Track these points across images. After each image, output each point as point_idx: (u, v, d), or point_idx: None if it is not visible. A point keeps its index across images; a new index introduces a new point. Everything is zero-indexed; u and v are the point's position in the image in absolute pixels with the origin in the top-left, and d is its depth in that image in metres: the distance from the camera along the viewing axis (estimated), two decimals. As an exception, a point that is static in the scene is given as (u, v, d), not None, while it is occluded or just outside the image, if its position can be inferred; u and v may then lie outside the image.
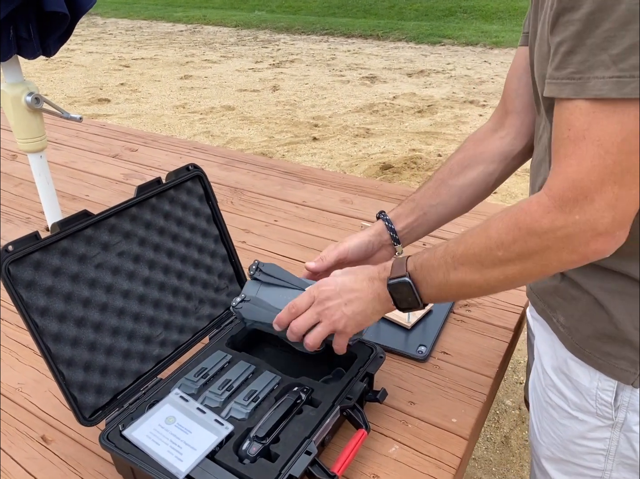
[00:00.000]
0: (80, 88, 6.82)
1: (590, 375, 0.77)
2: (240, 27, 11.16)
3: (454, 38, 9.06)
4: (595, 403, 0.78)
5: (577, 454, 0.84)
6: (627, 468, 0.80)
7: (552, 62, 0.58)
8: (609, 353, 0.74)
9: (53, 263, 0.82)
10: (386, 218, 0.95)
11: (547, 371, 0.86)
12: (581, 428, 0.81)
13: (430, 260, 0.73)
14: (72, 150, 2.20)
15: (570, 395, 0.81)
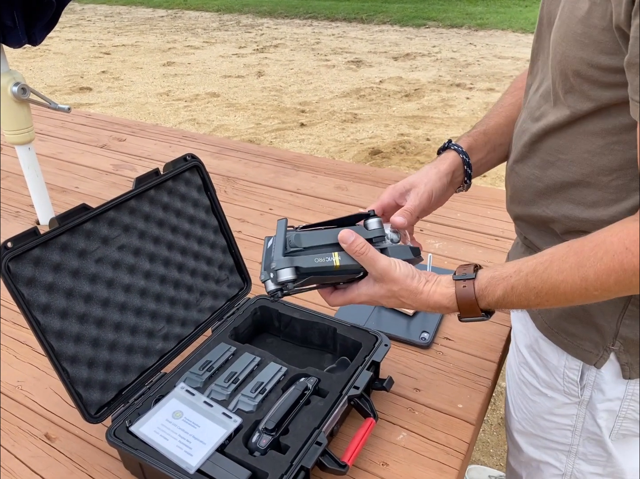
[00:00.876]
0: (60, 77, 6.68)
1: (558, 354, 0.80)
2: (222, 11, 10.99)
3: (438, 20, 9.01)
4: (563, 381, 0.81)
5: (546, 429, 0.87)
6: (592, 443, 0.83)
7: None
8: (575, 334, 0.77)
9: (53, 259, 0.80)
10: (462, 150, 0.86)
11: (521, 349, 0.89)
12: (550, 404, 0.84)
13: (507, 297, 0.67)
14: (58, 141, 2.15)
15: (540, 373, 0.84)
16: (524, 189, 0.78)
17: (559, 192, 0.73)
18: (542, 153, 0.73)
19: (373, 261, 0.72)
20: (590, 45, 0.60)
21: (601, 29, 0.58)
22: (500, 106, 0.94)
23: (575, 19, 0.61)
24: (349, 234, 0.72)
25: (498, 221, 1.49)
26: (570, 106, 0.66)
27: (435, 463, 0.85)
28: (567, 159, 0.70)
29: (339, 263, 0.72)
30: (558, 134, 0.70)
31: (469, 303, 0.70)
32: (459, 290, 0.70)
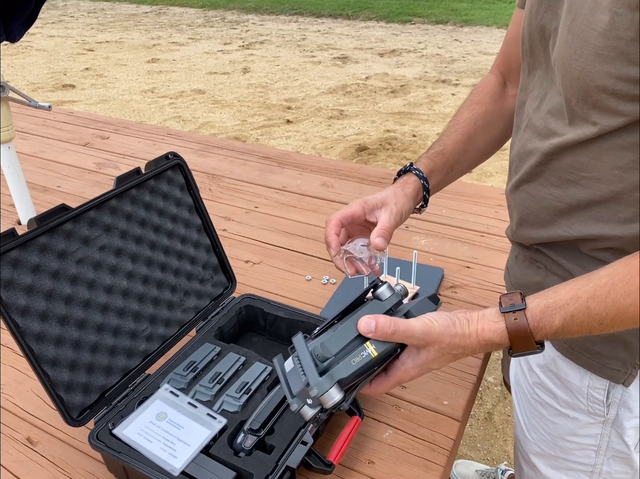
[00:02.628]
0: (42, 74, 6.59)
1: (581, 374, 0.76)
2: (207, 7, 10.92)
3: (424, 16, 9.03)
4: (587, 401, 0.77)
5: (567, 450, 0.84)
6: (617, 461, 0.81)
7: None
8: (600, 353, 0.73)
9: (32, 261, 0.79)
10: (422, 175, 0.84)
11: (534, 369, 0.85)
12: (571, 425, 0.81)
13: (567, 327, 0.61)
14: (40, 140, 2.12)
15: (560, 393, 0.81)
16: (540, 210, 0.74)
17: (584, 210, 0.69)
18: (559, 172, 0.70)
19: (408, 332, 0.63)
20: (617, 58, 0.57)
21: (629, 40, 0.55)
22: (457, 122, 0.92)
23: (595, 32, 0.58)
24: (368, 322, 0.64)
25: (483, 217, 1.50)
26: (596, 123, 0.63)
27: (421, 460, 0.85)
28: (592, 177, 0.66)
29: (376, 352, 0.64)
30: (577, 151, 0.66)
31: (523, 337, 0.62)
32: (510, 324, 0.62)
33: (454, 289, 1.23)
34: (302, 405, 0.64)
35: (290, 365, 0.67)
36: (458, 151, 0.89)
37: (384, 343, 0.64)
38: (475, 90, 0.95)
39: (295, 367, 0.65)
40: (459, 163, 0.90)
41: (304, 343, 0.66)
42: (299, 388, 0.64)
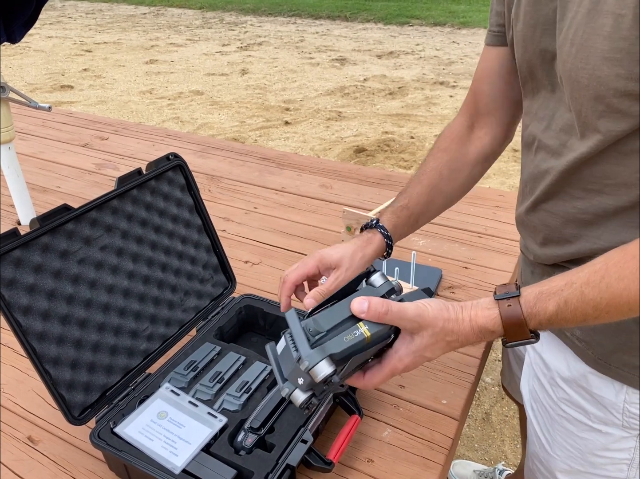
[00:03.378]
0: (41, 74, 6.59)
1: (616, 388, 0.75)
2: (205, 8, 10.92)
3: (422, 18, 9.05)
4: (622, 416, 0.76)
5: (598, 465, 0.82)
6: None
7: None
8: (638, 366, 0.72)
9: (34, 260, 0.80)
10: (387, 234, 0.85)
11: (559, 384, 0.82)
12: (604, 440, 0.79)
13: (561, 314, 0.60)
14: (39, 140, 2.12)
15: (591, 409, 0.79)
16: (564, 226, 0.73)
17: (611, 218, 0.68)
18: (581, 184, 0.69)
19: (401, 313, 0.63)
20: (625, 58, 0.57)
21: (634, 38, 0.56)
22: (422, 172, 0.92)
23: (600, 38, 0.59)
24: (361, 302, 0.63)
25: (481, 218, 1.51)
26: (606, 130, 0.63)
27: (419, 459, 0.86)
28: (616, 183, 0.66)
29: (369, 332, 0.63)
30: (596, 161, 0.66)
31: (517, 324, 0.61)
32: (504, 310, 0.62)
33: (452, 290, 1.24)
34: (293, 389, 0.63)
35: (282, 344, 0.66)
36: (423, 202, 0.89)
37: (377, 324, 0.64)
38: (442, 136, 0.95)
39: (288, 345, 0.64)
40: (424, 214, 0.90)
41: (297, 318, 0.65)
42: (291, 368, 0.63)
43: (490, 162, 0.94)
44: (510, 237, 1.41)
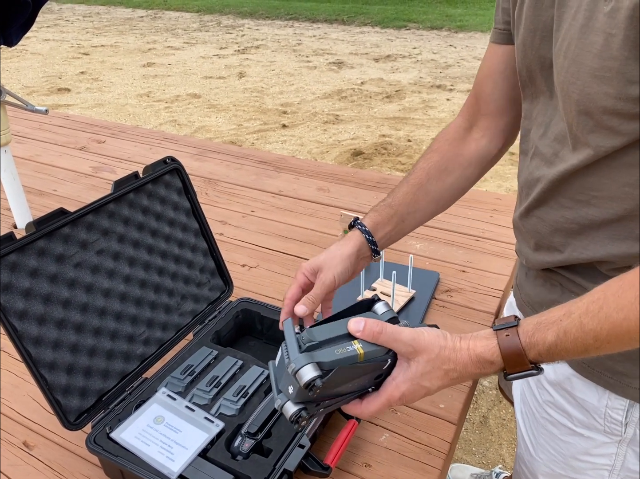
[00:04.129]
0: (38, 77, 6.58)
1: (599, 393, 0.74)
2: (203, 12, 10.93)
3: (419, 22, 9.08)
4: (604, 421, 0.75)
5: (579, 470, 0.82)
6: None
7: None
8: (623, 373, 0.71)
9: (30, 264, 0.79)
10: (365, 229, 0.86)
11: (545, 386, 0.83)
12: (586, 445, 0.79)
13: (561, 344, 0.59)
14: (36, 144, 2.12)
15: (574, 412, 0.78)
16: (553, 234, 0.74)
17: (598, 230, 0.68)
18: (570, 194, 0.69)
19: (395, 335, 0.63)
20: (614, 78, 0.57)
21: (624, 59, 0.56)
22: (411, 173, 0.91)
23: (590, 55, 0.58)
24: (357, 321, 0.64)
25: (478, 221, 1.51)
26: (596, 145, 0.63)
27: (417, 463, 0.85)
28: (603, 196, 0.66)
29: (363, 350, 0.63)
30: (586, 173, 0.66)
31: (515, 353, 0.60)
32: (502, 340, 0.61)
33: (449, 293, 1.23)
34: (286, 401, 0.63)
35: (279, 356, 0.66)
36: (408, 202, 0.88)
37: (372, 345, 0.64)
38: (436, 138, 0.94)
39: (282, 355, 0.65)
40: (410, 213, 0.89)
41: (292, 328, 0.66)
42: (283, 377, 0.63)
43: (486, 166, 0.93)
44: (507, 240, 1.41)
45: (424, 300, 1.19)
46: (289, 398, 0.63)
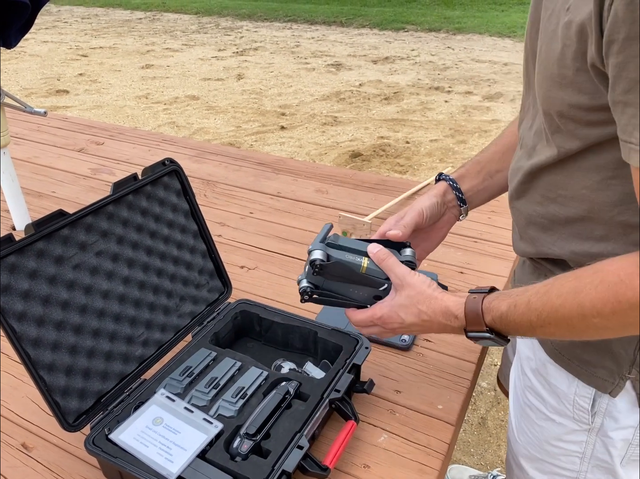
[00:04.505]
0: (36, 79, 6.58)
1: (569, 380, 0.78)
2: (201, 14, 10.94)
3: (417, 24, 9.09)
4: (573, 407, 0.78)
5: (553, 454, 0.85)
6: (601, 471, 0.81)
7: None
8: (589, 362, 0.74)
9: (29, 266, 0.79)
10: (449, 177, 0.92)
11: (527, 372, 0.86)
12: (558, 430, 0.82)
13: (510, 314, 0.68)
14: (34, 145, 2.12)
15: (548, 398, 0.82)
16: (527, 227, 0.78)
17: (564, 227, 0.71)
18: (540, 190, 0.73)
19: (393, 266, 0.79)
20: (569, 85, 0.60)
21: (575, 69, 0.58)
22: (501, 135, 0.95)
23: (552, 60, 0.61)
24: (376, 245, 0.81)
25: (476, 223, 1.51)
26: (558, 146, 0.66)
27: (416, 464, 0.85)
28: (567, 195, 0.69)
29: (366, 265, 0.81)
30: (553, 170, 0.69)
31: (474, 314, 0.71)
32: (468, 301, 0.73)
33: (447, 294, 1.24)
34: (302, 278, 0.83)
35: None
36: (497, 159, 0.92)
37: (376, 268, 0.82)
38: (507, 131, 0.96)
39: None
40: (499, 171, 0.92)
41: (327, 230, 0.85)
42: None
43: None
44: (505, 242, 1.41)
45: (422, 302, 1.19)
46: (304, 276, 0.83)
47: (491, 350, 2.31)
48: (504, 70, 6.34)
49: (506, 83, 5.81)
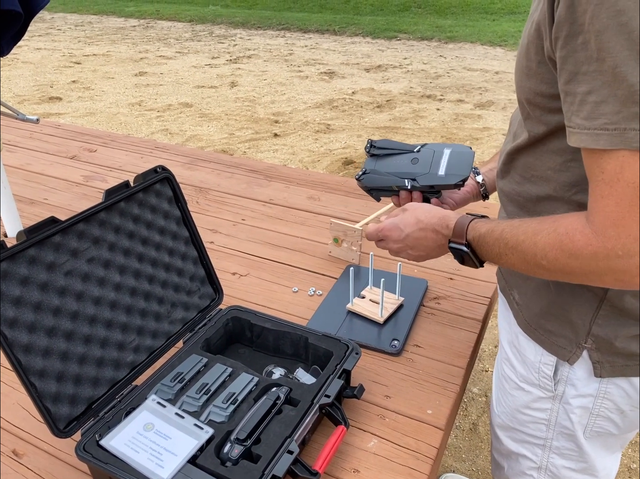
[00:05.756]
0: (29, 86, 6.57)
1: (535, 349, 0.86)
2: (195, 22, 10.97)
3: (409, 33, 9.16)
4: (538, 375, 0.86)
5: (523, 422, 0.93)
6: (565, 438, 0.88)
7: (579, 110, 0.59)
8: (551, 331, 0.82)
9: (21, 273, 0.80)
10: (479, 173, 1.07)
11: (504, 345, 0.95)
12: (526, 398, 0.90)
13: (487, 237, 0.78)
14: (27, 152, 2.12)
15: (519, 367, 0.90)
16: (508, 204, 0.86)
17: (535, 205, 0.79)
18: (519, 170, 0.81)
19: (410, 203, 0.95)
20: (533, 76, 0.69)
21: (537, 62, 0.67)
22: None
23: (522, 54, 0.70)
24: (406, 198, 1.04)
25: (466, 230, 1.53)
26: (529, 130, 0.75)
27: (405, 469, 0.86)
28: (537, 175, 0.77)
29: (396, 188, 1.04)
30: (527, 152, 0.78)
31: (460, 228, 0.82)
32: (460, 218, 0.84)
33: (437, 300, 1.25)
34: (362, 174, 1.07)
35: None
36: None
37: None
38: None
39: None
40: None
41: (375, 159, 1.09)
42: None
43: None
44: (494, 249, 1.43)
45: (413, 307, 1.21)
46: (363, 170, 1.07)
47: (482, 356, 2.32)
48: (495, 78, 6.40)
49: (497, 92, 5.86)
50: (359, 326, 1.16)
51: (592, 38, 0.55)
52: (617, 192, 0.58)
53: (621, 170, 0.57)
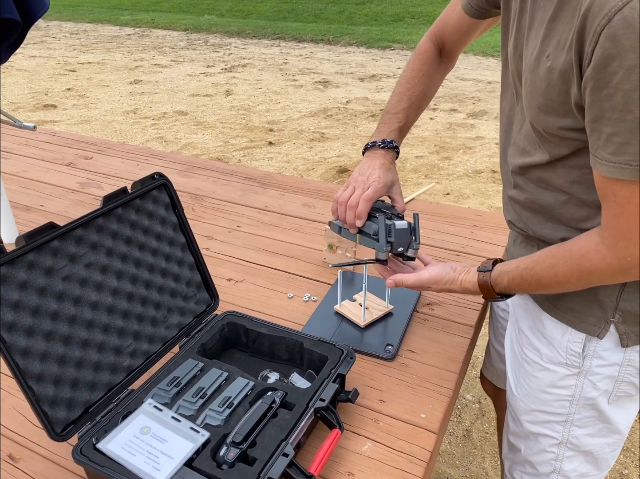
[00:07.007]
0: (24, 93, 6.57)
1: (562, 330, 0.94)
2: (190, 30, 11.03)
3: (403, 43, 9.25)
4: (566, 354, 0.94)
5: (546, 402, 1.00)
6: (587, 408, 0.97)
7: (605, 146, 0.70)
8: (580, 311, 0.91)
9: (19, 277, 0.81)
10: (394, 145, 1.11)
11: (524, 331, 1.03)
12: (551, 378, 0.98)
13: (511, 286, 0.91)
14: (23, 159, 2.13)
15: (544, 349, 0.98)
16: (523, 211, 0.96)
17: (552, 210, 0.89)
18: (532, 181, 0.91)
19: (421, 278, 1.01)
20: (553, 112, 0.78)
21: (560, 102, 0.76)
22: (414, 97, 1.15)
23: (538, 93, 0.78)
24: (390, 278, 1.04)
25: (459, 237, 1.55)
26: (549, 151, 0.84)
27: (399, 472, 0.87)
28: (554, 186, 0.87)
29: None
30: (545, 168, 0.87)
31: (486, 289, 0.93)
32: (480, 280, 0.94)
33: (430, 306, 1.27)
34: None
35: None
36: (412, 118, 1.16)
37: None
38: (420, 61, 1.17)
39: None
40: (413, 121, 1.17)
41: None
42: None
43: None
44: (487, 256, 1.45)
45: (406, 313, 1.22)
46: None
47: (475, 362, 2.33)
48: (488, 88, 6.47)
49: (490, 101, 5.92)
50: (353, 331, 1.17)
51: (618, 93, 0.65)
52: (627, 212, 0.71)
53: (632, 195, 0.70)
